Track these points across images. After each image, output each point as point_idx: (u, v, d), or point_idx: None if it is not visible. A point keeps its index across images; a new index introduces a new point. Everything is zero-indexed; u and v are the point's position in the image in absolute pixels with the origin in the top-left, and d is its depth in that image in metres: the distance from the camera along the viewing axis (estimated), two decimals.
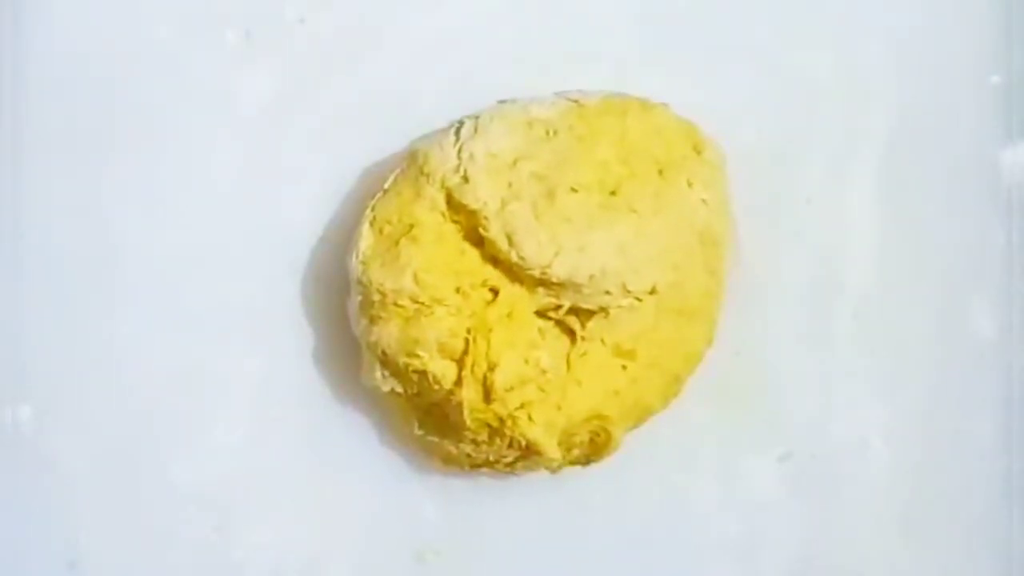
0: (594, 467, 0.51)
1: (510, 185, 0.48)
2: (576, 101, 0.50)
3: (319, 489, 0.53)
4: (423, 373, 0.48)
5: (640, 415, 0.51)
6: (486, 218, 0.48)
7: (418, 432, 0.51)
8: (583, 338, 0.49)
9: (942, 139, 0.55)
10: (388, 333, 0.48)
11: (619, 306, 0.48)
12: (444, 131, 0.50)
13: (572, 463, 0.51)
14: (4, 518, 0.52)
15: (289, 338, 0.53)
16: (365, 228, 0.49)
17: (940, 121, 0.56)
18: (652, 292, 0.48)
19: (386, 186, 0.50)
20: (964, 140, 0.55)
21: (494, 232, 0.48)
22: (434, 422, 0.50)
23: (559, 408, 0.48)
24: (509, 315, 0.48)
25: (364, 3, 0.54)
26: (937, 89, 0.56)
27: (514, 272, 0.48)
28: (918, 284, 0.54)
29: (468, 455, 0.50)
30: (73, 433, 0.52)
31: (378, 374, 0.50)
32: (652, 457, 0.54)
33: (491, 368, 0.47)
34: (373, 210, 0.50)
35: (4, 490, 0.52)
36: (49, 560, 0.52)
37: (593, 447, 0.50)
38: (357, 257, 0.49)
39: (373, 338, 0.49)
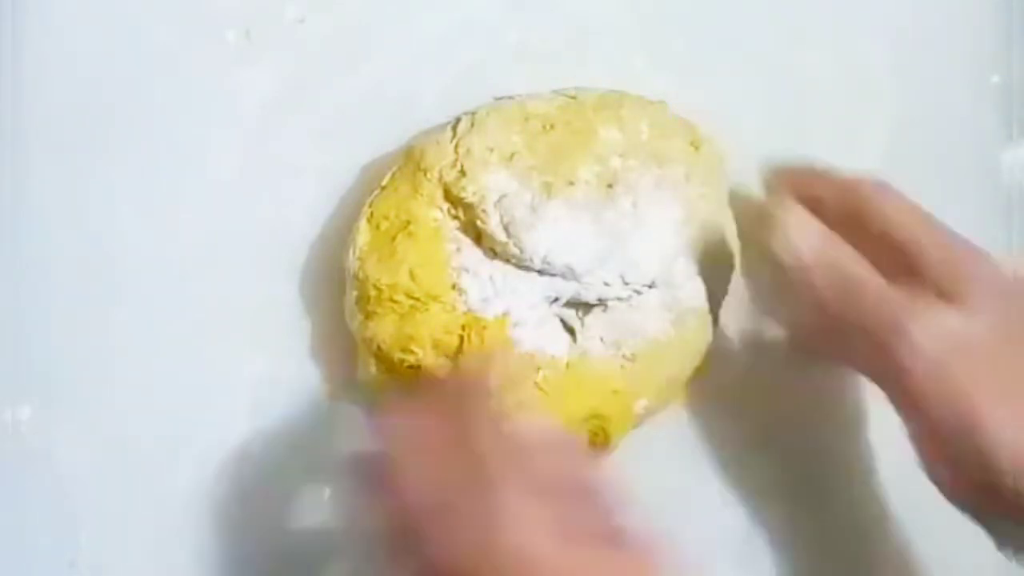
0: None
1: (507, 178, 0.48)
2: (573, 97, 0.50)
3: (318, 488, 0.53)
4: (418, 369, 0.48)
5: (639, 415, 0.51)
6: (484, 211, 0.48)
7: None
8: (582, 336, 0.49)
9: (942, 139, 0.55)
10: (383, 329, 0.48)
11: (618, 298, 0.48)
12: (441, 127, 0.50)
13: None
14: (4, 518, 0.52)
15: (288, 336, 0.53)
16: (362, 224, 0.49)
17: (940, 121, 0.55)
18: (651, 286, 0.48)
19: (384, 183, 0.50)
20: (964, 140, 0.55)
21: (492, 225, 0.48)
22: None
23: (556, 407, 0.48)
24: (504, 312, 0.48)
25: (364, 3, 0.54)
26: (937, 89, 0.56)
27: (512, 265, 0.48)
28: None
29: None
30: (73, 433, 0.52)
31: (373, 369, 0.49)
32: (652, 457, 0.53)
33: None
34: (371, 206, 0.50)
35: (4, 490, 0.52)
36: (49, 560, 0.52)
37: (591, 447, 0.50)
38: (354, 253, 0.49)
39: (368, 333, 0.49)
